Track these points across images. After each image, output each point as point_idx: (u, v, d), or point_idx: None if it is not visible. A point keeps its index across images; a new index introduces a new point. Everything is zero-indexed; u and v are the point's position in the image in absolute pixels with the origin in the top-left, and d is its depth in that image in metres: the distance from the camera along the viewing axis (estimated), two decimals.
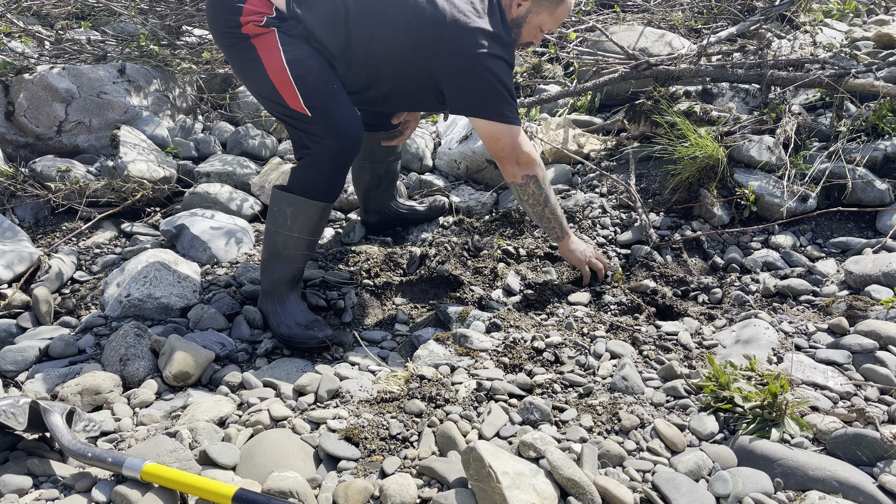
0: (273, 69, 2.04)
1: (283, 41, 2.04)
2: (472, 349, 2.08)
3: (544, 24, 2.18)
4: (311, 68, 2.06)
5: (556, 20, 2.18)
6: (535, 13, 2.15)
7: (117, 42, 4.00)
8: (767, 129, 2.91)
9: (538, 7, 2.13)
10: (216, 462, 1.57)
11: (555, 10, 2.15)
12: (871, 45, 3.61)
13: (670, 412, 1.81)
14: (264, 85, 2.08)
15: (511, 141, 2.14)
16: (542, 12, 2.15)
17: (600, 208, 2.81)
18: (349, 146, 2.10)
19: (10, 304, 2.27)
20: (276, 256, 2.17)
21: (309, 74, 2.05)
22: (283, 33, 2.04)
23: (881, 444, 1.58)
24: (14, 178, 2.81)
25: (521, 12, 2.15)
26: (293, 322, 2.11)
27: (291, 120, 2.11)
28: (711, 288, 2.45)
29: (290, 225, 2.13)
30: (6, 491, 1.47)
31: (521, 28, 2.18)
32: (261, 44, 2.04)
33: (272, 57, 2.03)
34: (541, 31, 2.21)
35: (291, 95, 2.05)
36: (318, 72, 2.07)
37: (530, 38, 2.23)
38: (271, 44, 2.03)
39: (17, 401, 1.55)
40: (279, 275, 2.18)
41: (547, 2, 2.13)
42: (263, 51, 2.04)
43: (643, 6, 4.57)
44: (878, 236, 2.54)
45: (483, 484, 1.41)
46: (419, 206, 2.84)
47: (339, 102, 2.09)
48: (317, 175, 2.11)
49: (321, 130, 2.07)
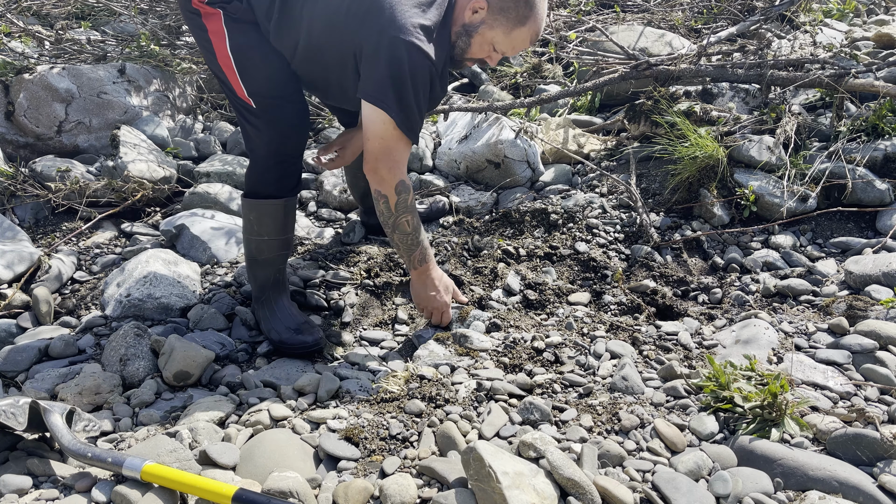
0: (220, 55, 1.97)
1: (228, 26, 1.94)
2: (472, 349, 2.08)
3: (498, 42, 1.93)
4: (254, 57, 1.97)
5: (511, 43, 1.93)
6: (488, 25, 1.90)
7: (117, 42, 4.00)
8: (767, 129, 2.91)
9: (493, 20, 1.89)
10: (216, 462, 1.57)
11: (511, 29, 1.89)
12: (871, 45, 3.61)
13: (670, 412, 1.81)
14: (216, 69, 2.01)
15: (384, 144, 1.88)
16: (496, 27, 1.90)
17: (600, 208, 2.81)
18: (288, 139, 2.04)
19: (10, 304, 2.27)
20: (255, 262, 2.17)
21: (252, 63, 1.97)
22: (229, 16, 1.93)
23: (881, 444, 1.58)
24: (14, 178, 2.81)
25: (474, 19, 1.90)
26: (283, 327, 2.10)
27: (240, 108, 2.05)
28: (711, 288, 2.45)
29: (257, 230, 2.12)
30: (6, 491, 1.47)
31: (472, 37, 1.93)
32: (210, 25, 1.96)
33: (219, 42, 1.96)
34: (494, 51, 1.96)
35: (237, 84, 1.99)
36: (262, 61, 1.98)
37: (482, 53, 1.97)
38: (218, 28, 1.95)
39: (16, 401, 1.55)
40: (262, 279, 2.18)
41: (504, 17, 1.88)
42: (212, 34, 1.96)
43: (643, 6, 4.57)
44: (878, 236, 2.54)
45: (483, 484, 1.41)
46: (419, 206, 2.84)
47: (282, 94, 2.02)
48: (262, 173, 2.09)
49: (262, 123, 2.02)
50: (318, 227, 2.86)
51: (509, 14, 1.87)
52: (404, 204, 1.96)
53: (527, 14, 1.87)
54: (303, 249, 2.68)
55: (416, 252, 2.07)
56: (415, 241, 2.04)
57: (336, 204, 2.99)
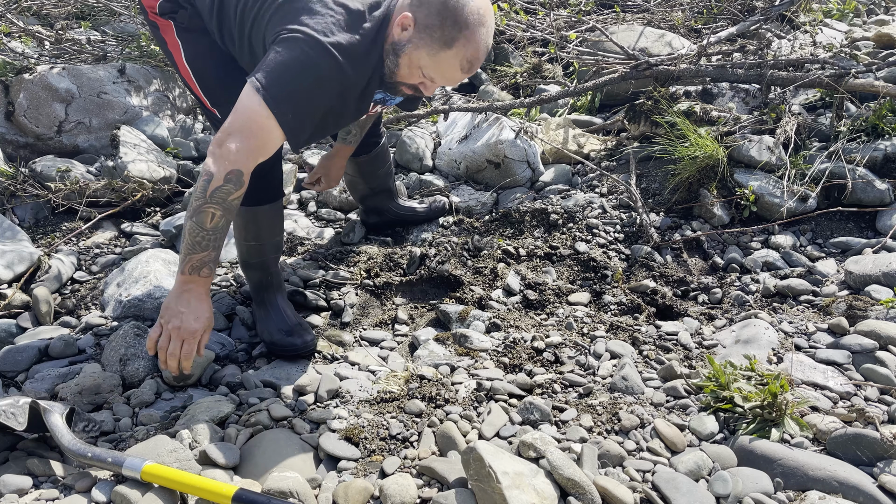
0: (181, 67, 1.95)
1: (181, 37, 1.90)
2: (472, 349, 2.08)
3: (424, 66, 1.72)
4: (209, 66, 1.92)
5: (438, 68, 1.72)
6: (414, 45, 1.69)
7: (117, 42, 4.00)
8: (767, 129, 2.91)
9: (419, 38, 1.67)
10: (216, 462, 1.57)
11: (437, 52, 1.68)
12: (871, 45, 3.61)
13: (670, 412, 1.81)
14: (182, 80, 1.97)
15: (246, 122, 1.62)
16: (421, 47, 1.68)
17: (600, 208, 2.81)
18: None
19: (10, 304, 2.27)
20: (247, 265, 2.18)
21: (208, 73, 1.93)
22: (179, 27, 1.89)
23: (881, 444, 1.58)
24: (14, 178, 2.81)
25: (402, 37, 1.70)
26: (275, 329, 2.09)
27: (211, 118, 2.02)
28: (711, 288, 2.45)
29: (244, 235, 2.11)
30: (6, 491, 1.47)
31: (399, 58, 1.73)
32: (167, 37, 1.92)
33: (177, 55, 1.93)
34: (423, 76, 1.75)
35: (200, 95, 1.97)
36: (216, 69, 1.91)
37: (412, 78, 1.77)
38: (173, 40, 1.92)
39: (16, 401, 1.55)
40: (255, 281, 2.18)
41: (428, 37, 1.66)
42: (171, 46, 1.93)
43: (643, 6, 4.57)
44: (878, 236, 2.54)
45: (483, 484, 1.41)
46: (419, 206, 2.84)
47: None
48: None
49: None
50: (318, 227, 2.86)
51: (434, 33, 1.66)
52: (225, 195, 1.62)
53: (454, 36, 1.65)
54: (303, 249, 2.68)
55: (198, 256, 1.66)
56: (206, 242, 1.65)
57: (336, 204, 2.99)
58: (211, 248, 1.67)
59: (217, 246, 1.68)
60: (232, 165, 1.61)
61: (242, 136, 1.62)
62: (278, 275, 2.21)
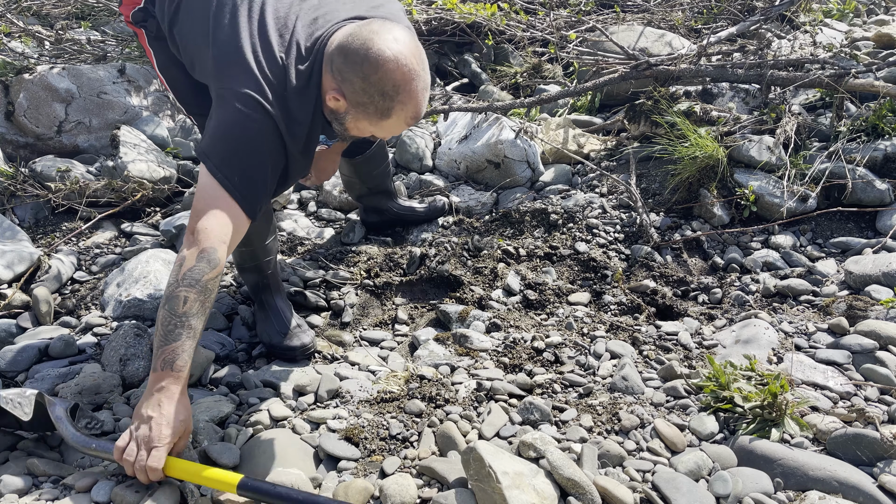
0: (157, 73, 1.97)
1: (152, 46, 1.90)
2: (472, 349, 2.08)
3: (371, 130, 1.70)
4: (178, 76, 1.92)
5: (386, 130, 1.70)
6: (353, 117, 1.66)
7: (117, 42, 4.00)
8: (767, 129, 2.91)
9: (356, 112, 1.64)
10: (216, 462, 1.57)
11: (378, 121, 1.64)
12: (871, 45, 3.61)
13: (670, 412, 1.81)
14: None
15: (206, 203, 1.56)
16: (361, 119, 1.65)
17: (600, 208, 2.81)
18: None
19: (10, 304, 2.27)
20: (242, 269, 2.18)
21: (179, 81, 1.93)
22: (150, 35, 1.89)
23: (881, 444, 1.58)
24: (14, 178, 2.81)
25: (338, 108, 1.65)
26: (273, 330, 2.09)
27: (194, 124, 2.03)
28: (711, 288, 2.45)
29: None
30: (6, 491, 1.47)
31: (344, 124, 1.70)
32: (143, 44, 1.92)
33: (151, 61, 1.94)
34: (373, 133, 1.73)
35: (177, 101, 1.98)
36: (187, 77, 1.88)
37: (362, 135, 1.75)
38: (146, 47, 1.92)
39: (23, 391, 1.57)
40: (252, 284, 2.18)
41: (364, 112, 1.63)
42: (147, 53, 1.93)
43: (643, 6, 4.57)
44: (878, 236, 2.54)
45: (483, 484, 1.41)
46: (419, 206, 2.84)
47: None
48: None
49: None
50: (318, 227, 2.86)
51: (368, 109, 1.62)
52: (198, 276, 1.52)
53: (389, 106, 1.60)
54: (303, 249, 2.68)
55: (170, 348, 1.50)
56: (178, 330, 1.51)
57: (336, 204, 2.99)
58: (184, 336, 1.50)
59: (191, 335, 1.52)
60: (202, 244, 1.53)
61: (206, 215, 1.56)
62: (276, 276, 2.20)
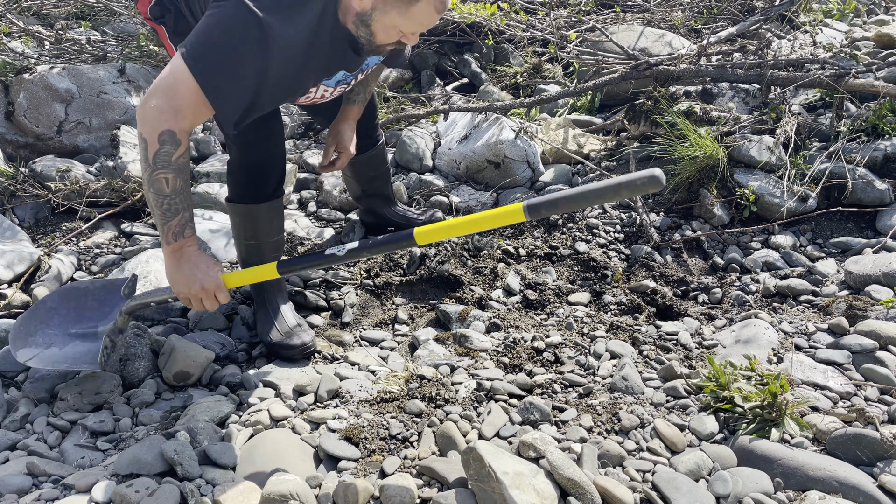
0: None
1: (172, 40, 1.90)
2: (472, 349, 2.08)
3: (399, 24, 1.70)
4: None
5: (414, 20, 1.70)
6: (381, 11, 1.67)
7: (117, 42, 4.00)
8: (767, 129, 2.91)
9: (383, 4, 1.66)
10: (216, 462, 1.57)
11: (407, 9, 1.66)
12: (871, 45, 3.61)
13: (670, 412, 1.81)
14: None
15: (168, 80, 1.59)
16: (389, 11, 1.66)
17: (600, 208, 2.81)
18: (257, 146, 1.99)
19: (10, 304, 2.27)
20: (246, 265, 2.16)
21: None
22: (169, 30, 1.89)
23: (881, 444, 1.58)
24: (14, 178, 2.81)
25: (364, 8, 1.67)
26: (274, 330, 2.09)
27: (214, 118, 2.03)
28: (711, 288, 2.46)
29: (242, 234, 2.10)
30: (6, 491, 1.47)
31: (371, 27, 1.70)
32: (163, 40, 1.92)
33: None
34: (402, 32, 1.73)
35: None
36: None
37: (391, 38, 1.75)
38: (168, 43, 1.91)
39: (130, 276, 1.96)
40: (256, 282, 2.18)
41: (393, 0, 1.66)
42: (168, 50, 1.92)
43: (643, 6, 4.57)
44: (878, 236, 2.54)
45: (483, 484, 1.41)
46: (415, 217, 2.79)
47: None
48: (239, 179, 2.06)
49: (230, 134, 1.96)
50: (318, 227, 2.86)
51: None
52: (166, 158, 1.60)
53: None
54: (303, 249, 2.68)
55: (175, 222, 1.67)
56: (174, 206, 1.66)
57: (336, 204, 2.99)
58: (182, 209, 1.67)
59: (187, 206, 1.68)
60: (159, 125, 1.58)
61: (164, 95, 1.58)
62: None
